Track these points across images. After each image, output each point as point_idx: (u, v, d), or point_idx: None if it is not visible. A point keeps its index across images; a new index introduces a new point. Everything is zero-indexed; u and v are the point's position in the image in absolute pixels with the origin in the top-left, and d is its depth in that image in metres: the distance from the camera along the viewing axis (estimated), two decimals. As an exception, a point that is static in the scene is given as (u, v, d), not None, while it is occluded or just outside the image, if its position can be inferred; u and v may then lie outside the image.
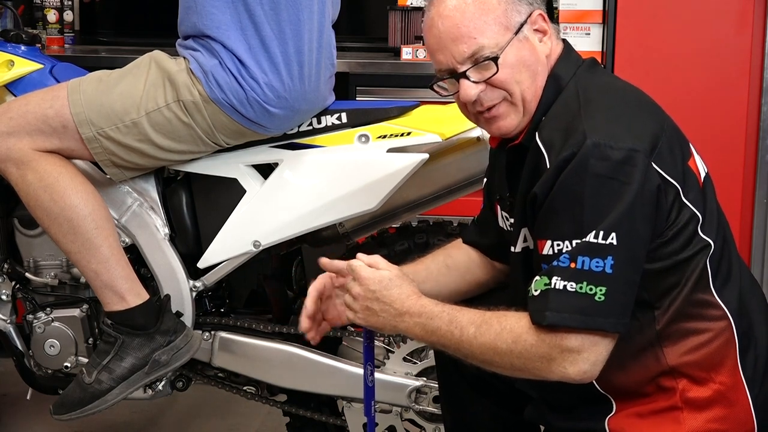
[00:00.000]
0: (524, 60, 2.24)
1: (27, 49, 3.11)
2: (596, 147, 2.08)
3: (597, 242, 2.07)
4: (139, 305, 2.97)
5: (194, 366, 3.16)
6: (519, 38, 2.23)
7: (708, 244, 2.18)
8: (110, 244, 2.94)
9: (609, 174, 2.08)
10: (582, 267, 2.07)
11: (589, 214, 2.09)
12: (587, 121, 2.14)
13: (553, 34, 2.29)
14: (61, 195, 2.89)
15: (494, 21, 2.22)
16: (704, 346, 2.19)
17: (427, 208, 3.17)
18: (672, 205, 2.14)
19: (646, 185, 2.09)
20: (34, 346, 3.15)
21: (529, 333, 2.12)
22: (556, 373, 2.11)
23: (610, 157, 2.08)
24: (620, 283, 2.08)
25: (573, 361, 2.10)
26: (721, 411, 2.19)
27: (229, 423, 3.98)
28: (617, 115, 2.17)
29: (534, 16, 2.24)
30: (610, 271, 2.06)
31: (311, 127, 2.99)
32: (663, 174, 2.12)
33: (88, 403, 3.01)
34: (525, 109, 2.26)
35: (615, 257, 2.06)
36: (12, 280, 3.17)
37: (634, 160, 2.08)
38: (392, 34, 4.43)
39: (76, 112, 2.88)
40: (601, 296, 2.06)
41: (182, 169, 3.04)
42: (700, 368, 2.19)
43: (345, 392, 3.11)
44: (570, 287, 2.08)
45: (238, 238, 3.00)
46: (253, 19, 2.81)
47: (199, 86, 2.83)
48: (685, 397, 2.18)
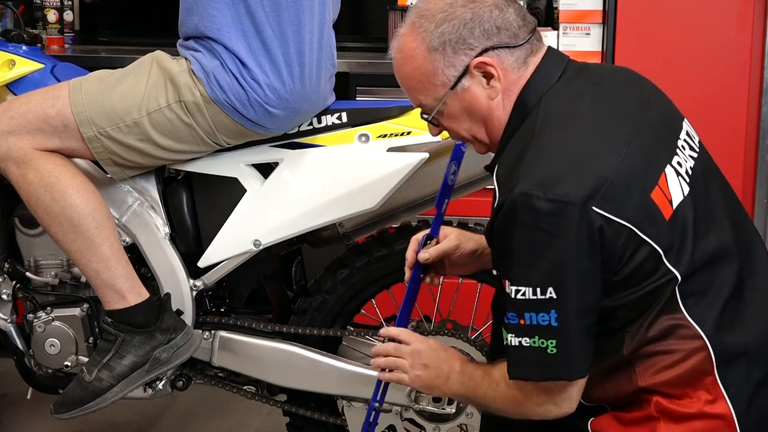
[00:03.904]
0: (467, 108, 2.28)
1: (28, 49, 3.12)
2: (524, 197, 2.08)
3: (537, 298, 2.10)
4: (140, 304, 2.99)
5: (194, 365, 3.18)
6: (456, 91, 2.25)
7: (673, 275, 2.15)
8: (111, 243, 2.96)
9: (537, 226, 2.08)
10: (530, 322, 2.12)
11: (522, 266, 2.12)
12: (528, 164, 2.13)
13: (509, 68, 2.24)
14: (62, 194, 2.91)
15: (428, 81, 2.26)
16: (676, 366, 2.19)
17: (427, 208, 3.16)
18: (624, 244, 2.11)
19: (581, 234, 2.07)
20: (35, 345, 3.16)
21: (505, 383, 2.25)
22: (533, 415, 2.23)
23: (538, 209, 2.07)
24: (569, 333, 2.11)
25: (545, 405, 2.20)
26: (700, 424, 2.18)
27: (229, 423, 4.00)
28: (561, 157, 2.13)
29: (473, 65, 2.22)
30: (555, 324, 2.10)
31: (311, 126, 3.01)
32: (609, 216, 2.09)
33: (89, 401, 3.03)
34: (489, 141, 2.31)
35: (557, 309, 2.09)
36: (12, 280, 3.17)
37: (565, 212, 2.07)
38: (392, 34, 4.32)
39: (78, 111, 2.89)
40: (552, 348, 2.11)
41: (183, 169, 3.05)
42: (674, 386, 2.19)
43: (345, 391, 3.13)
44: (524, 342, 2.13)
45: (238, 237, 3.01)
46: (254, 20, 2.83)
47: (200, 87, 2.85)
48: (660, 409, 2.19)
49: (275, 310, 3.27)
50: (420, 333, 2.96)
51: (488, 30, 2.21)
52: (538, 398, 2.21)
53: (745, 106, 4.06)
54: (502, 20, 2.22)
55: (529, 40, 2.26)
